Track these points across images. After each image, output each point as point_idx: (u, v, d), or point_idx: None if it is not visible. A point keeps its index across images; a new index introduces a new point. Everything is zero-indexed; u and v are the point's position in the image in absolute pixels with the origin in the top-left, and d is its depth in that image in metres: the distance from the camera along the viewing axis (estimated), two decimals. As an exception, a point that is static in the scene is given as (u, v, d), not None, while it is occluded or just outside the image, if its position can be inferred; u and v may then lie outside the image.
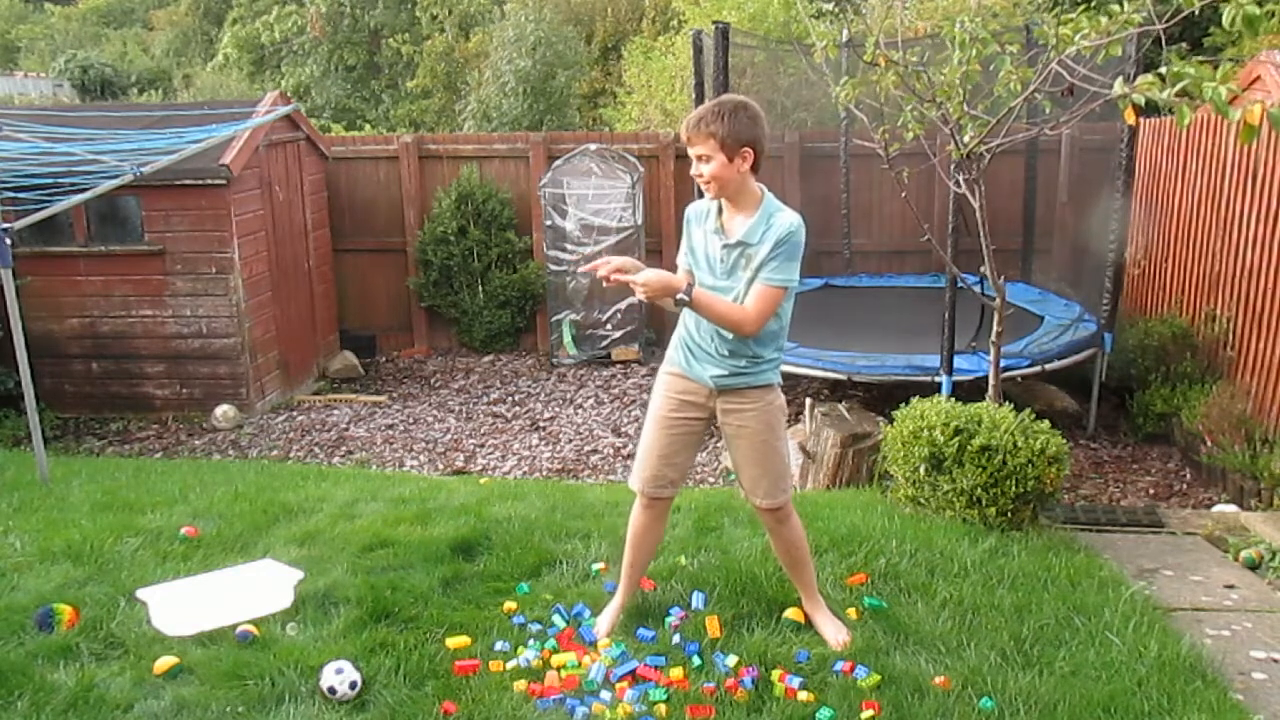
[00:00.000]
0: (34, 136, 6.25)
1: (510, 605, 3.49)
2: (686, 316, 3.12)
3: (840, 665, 3.04)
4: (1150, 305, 7.43)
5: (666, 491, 3.25)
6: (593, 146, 8.95)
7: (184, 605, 3.46)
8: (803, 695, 2.90)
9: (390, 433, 7.39)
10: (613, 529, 4.02)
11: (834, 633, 3.24)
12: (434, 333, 9.76)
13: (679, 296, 2.87)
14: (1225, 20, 2.85)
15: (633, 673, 3.03)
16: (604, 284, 2.95)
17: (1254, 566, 4.08)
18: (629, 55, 13.93)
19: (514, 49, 13.75)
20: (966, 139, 4.30)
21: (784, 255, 2.90)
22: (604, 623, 3.33)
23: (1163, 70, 3.11)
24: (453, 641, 3.23)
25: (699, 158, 2.93)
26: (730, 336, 3.02)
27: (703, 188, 2.99)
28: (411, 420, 7.68)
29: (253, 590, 3.58)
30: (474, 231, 9.18)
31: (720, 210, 3.05)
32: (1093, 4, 3.76)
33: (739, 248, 2.97)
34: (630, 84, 13.34)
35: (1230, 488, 5.43)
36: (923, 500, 4.40)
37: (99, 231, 7.56)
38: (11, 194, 5.89)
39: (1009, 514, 4.15)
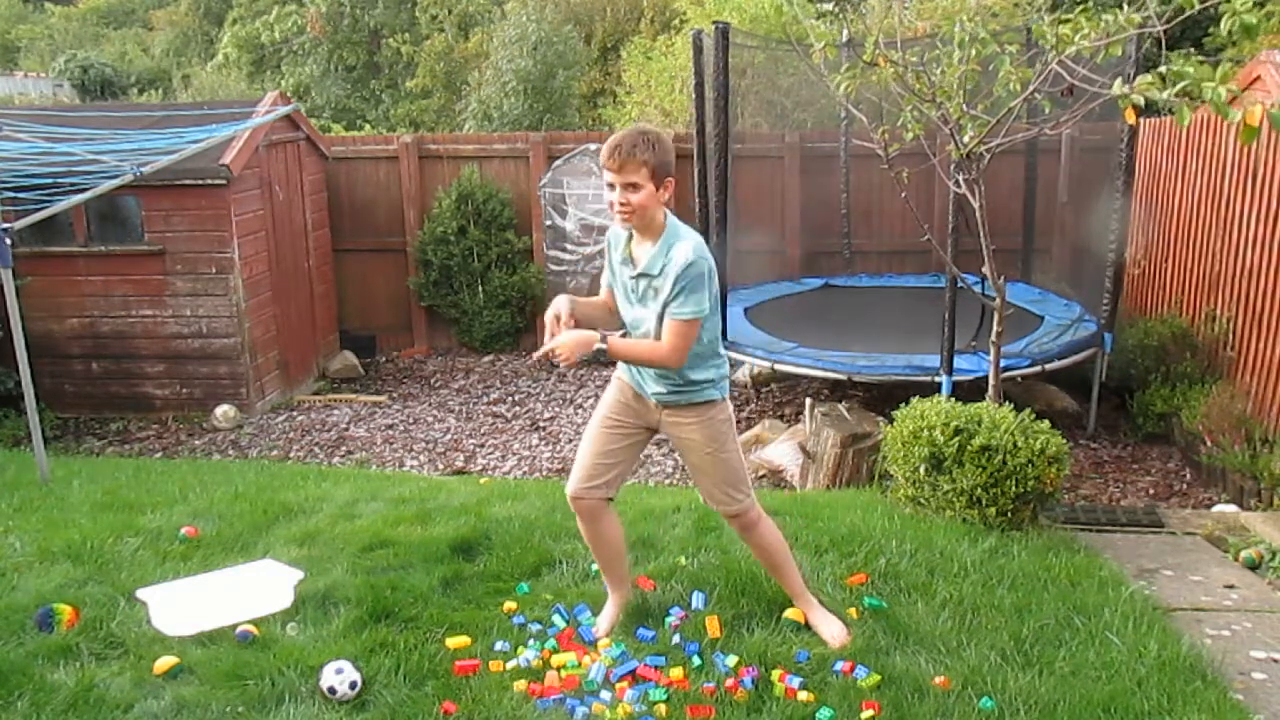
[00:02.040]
0: (34, 136, 6.26)
1: (510, 605, 3.49)
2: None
3: (840, 665, 3.04)
4: (1150, 305, 7.43)
5: (597, 492, 3.22)
6: (593, 146, 8.95)
7: (184, 605, 3.46)
8: (803, 695, 2.90)
9: (390, 433, 7.39)
10: (613, 529, 4.02)
11: (830, 630, 3.24)
12: (434, 333, 9.76)
13: (596, 348, 2.90)
14: (1223, 28, 2.86)
15: (633, 673, 3.03)
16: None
17: (1254, 566, 4.08)
18: (629, 55, 13.92)
19: (514, 49, 13.74)
20: (966, 139, 4.30)
21: (687, 289, 2.89)
22: (603, 623, 3.34)
23: (1163, 70, 3.12)
24: (453, 641, 3.23)
25: (628, 186, 2.89)
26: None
27: (622, 217, 2.96)
28: (411, 420, 7.68)
29: (253, 590, 3.58)
30: (474, 231, 9.18)
31: (629, 239, 3.06)
32: (1091, 4, 3.76)
33: (644, 279, 3.00)
34: (630, 84, 13.34)
35: (1230, 488, 5.43)
36: (923, 500, 4.40)
37: (99, 231, 7.56)
38: (11, 194, 5.90)
39: (1009, 514, 4.15)
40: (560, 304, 3.01)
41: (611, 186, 2.92)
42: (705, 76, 7.02)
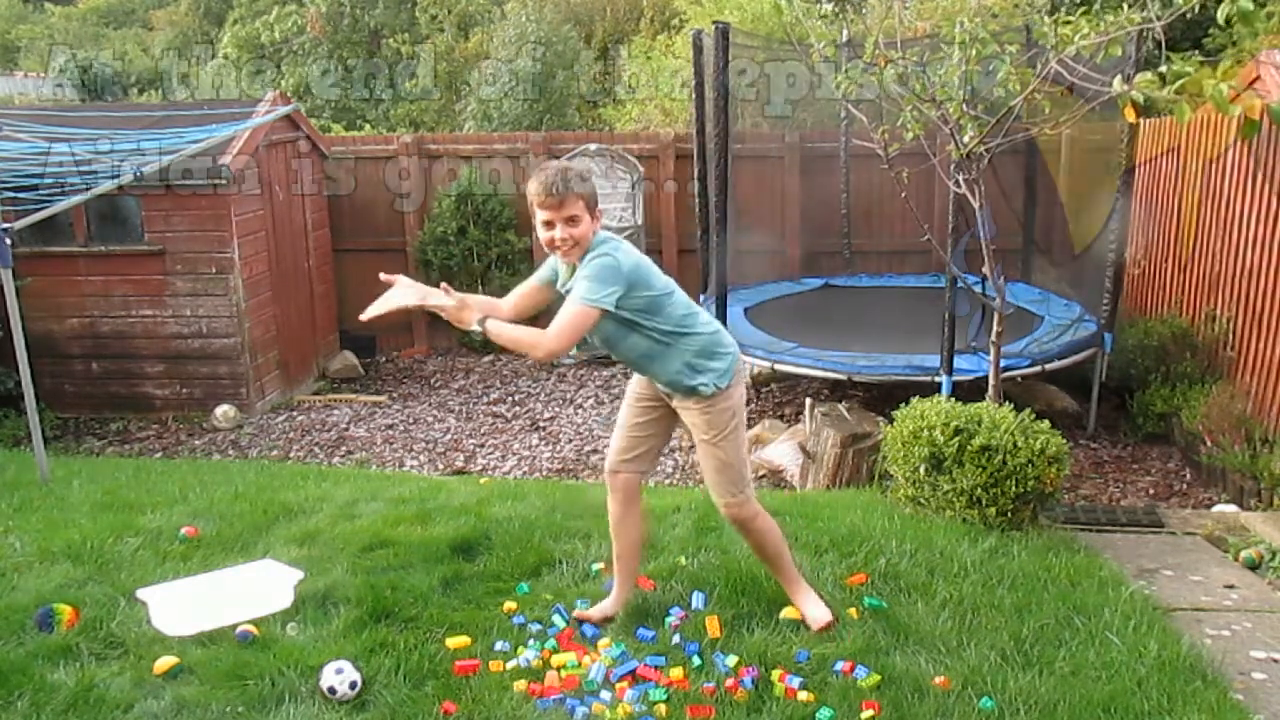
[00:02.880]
0: (34, 136, 6.25)
1: (510, 605, 3.49)
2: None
3: (840, 665, 3.05)
4: (1150, 305, 7.43)
5: (631, 465, 3.32)
6: (593, 146, 8.94)
7: (184, 605, 3.46)
8: (803, 695, 2.90)
9: (390, 433, 7.39)
10: (613, 529, 4.03)
11: (813, 613, 3.29)
12: (434, 333, 9.75)
13: (473, 328, 2.93)
14: (1220, 15, 2.85)
15: (633, 673, 3.03)
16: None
17: (1254, 566, 4.08)
18: (629, 55, 13.93)
19: (514, 49, 13.75)
20: (966, 139, 4.30)
21: (589, 275, 2.94)
22: (596, 610, 3.37)
23: (1162, 69, 3.12)
24: (453, 641, 3.23)
25: (569, 220, 2.96)
26: (635, 357, 3.12)
27: (562, 252, 3.02)
28: (411, 420, 7.68)
29: (253, 590, 3.58)
30: (474, 231, 9.18)
31: (570, 267, 3.12)
32: (1093, 7, 3.77)
33: None
34: (630, 84, 13.34)
35: (1230, 488, 5.42)
36: (923, 500, 4.40)
37: (99, 231, 7.55)
38: (11, 194, 5.89)
39: (1009, 514, 4.15)
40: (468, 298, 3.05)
41: (549, 224, 2.98)
42: (705, 76, 7.02)
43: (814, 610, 3.30)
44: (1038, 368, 6.22)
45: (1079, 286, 7.74)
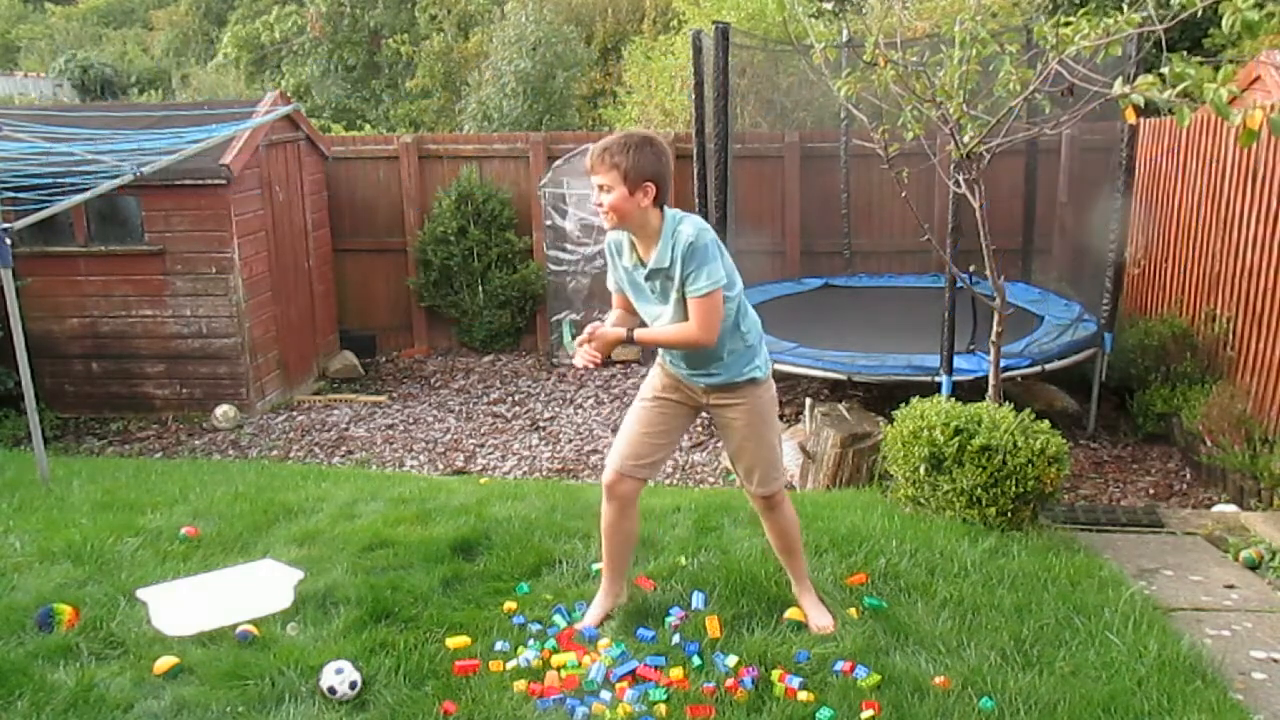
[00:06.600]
0: (34, 136, 6.25)
1: (510, 605, 3.49)
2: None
3: (840, 665, 3.05)
4: (1150, 305, 7.43)
5: (642, 472, 3.27)
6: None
7: (184, 605, 3.46)
8: (803, 695, 2.90)
9: (390, 433, 7.39)
10: (613, 529, 4.02)
11: (816, 617, 3.30)
12: (434, 333, 9.76)
13: (629, 345, 2.99)
14: (1225, 25, 2.86)
15: (633, 673, 3.03)
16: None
17: (1254, 566, 4.08)
18: (629, 55, 13.92)
19: (514, 49, 13.73)
20: (966, 139, 4.30)
21: (697, 264, 2.94)
22: (593, 613, 3.36)
23: (1164, 71, 3.12)
24: (453, 641, 3.23)
25: (601, 187, 2.98)
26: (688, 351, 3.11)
27: (602, 217, 3.04)
28: (411, 420, 7.68)
29: (253, 590, 3.58)
30: (474, 231, 9.18)
31: (632, 244, 3.12)
32: (1091, 7, 3.76)
33: (659, 275, 3.05)
34: (630, 84, 13.33)
35: (1230, 488, 5.43)
36: (923, 500, 4.40)
37: (99, 231, 7.56)
38: (11, 194, 5.89)
39: (1009, 514, 4.15)
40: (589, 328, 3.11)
41: (599, 189, 3.01)
42: (705, 76, 7.02)
43: (818, 616, 3.31)
44: (1038, 368, 6.22)
45: (1079, 286, 7.74)
